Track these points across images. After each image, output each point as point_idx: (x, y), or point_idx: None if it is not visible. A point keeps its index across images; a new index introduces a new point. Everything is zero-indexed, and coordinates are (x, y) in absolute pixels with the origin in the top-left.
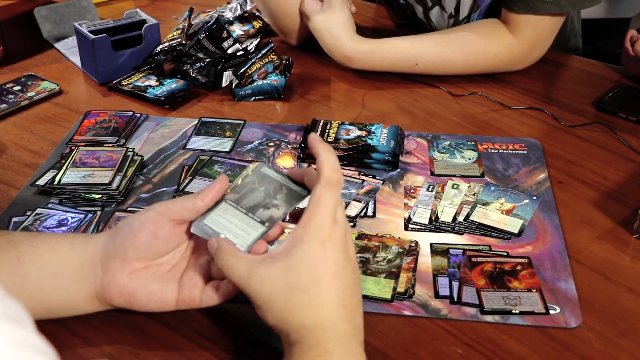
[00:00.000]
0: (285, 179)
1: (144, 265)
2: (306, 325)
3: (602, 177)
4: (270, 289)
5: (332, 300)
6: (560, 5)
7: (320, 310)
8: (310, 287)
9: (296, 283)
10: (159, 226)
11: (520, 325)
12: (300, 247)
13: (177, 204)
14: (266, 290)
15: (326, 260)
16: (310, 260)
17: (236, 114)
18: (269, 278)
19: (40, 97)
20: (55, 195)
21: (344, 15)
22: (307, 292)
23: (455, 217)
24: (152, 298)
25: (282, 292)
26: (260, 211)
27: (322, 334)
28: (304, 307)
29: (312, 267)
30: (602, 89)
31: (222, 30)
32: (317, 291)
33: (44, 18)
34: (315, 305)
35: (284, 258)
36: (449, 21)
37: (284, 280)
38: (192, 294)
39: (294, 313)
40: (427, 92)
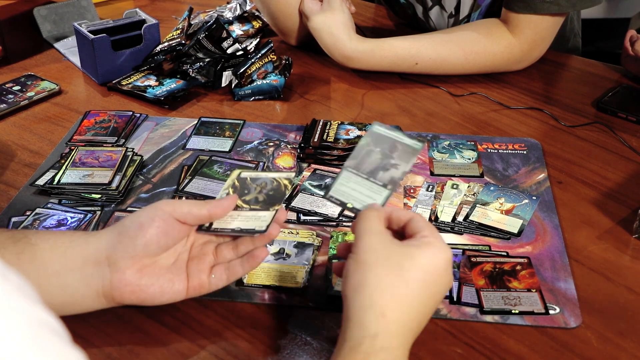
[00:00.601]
0: (398, 134)
1: (152, 261)
2: (384, 313)
3: (602, 177)
4: (383, 257)
5: (425, 310)
6: (560, 5)
7: (407, 312)
8: (419, 290)
9: (407, 280)
10: (169, 224)
11: (519, 325)
12: (432, 250)
13: (184, 208)
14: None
15: (443, 279)
16: (433, 270)
17: (236, 114)
18: (387, 252)
19: (40, 97)
20: (55, 195)
21: (343, 15)
22: (408, 290)
23: (455, 217)
24: (164, 291)
25: (390, 270)
26: (380, 174)
27: (388, 326)
28: (397, 299)
29: (428, 270)
30: (602, 89)
31: (221, 30)
32: (415, 294)
33: (44, 18)
34: (403, 305)
35: (414, 245)
36: (449, 21)
37: (396, 275)
38: (200, 279)
39: (384, 296)
40: (426, 92)
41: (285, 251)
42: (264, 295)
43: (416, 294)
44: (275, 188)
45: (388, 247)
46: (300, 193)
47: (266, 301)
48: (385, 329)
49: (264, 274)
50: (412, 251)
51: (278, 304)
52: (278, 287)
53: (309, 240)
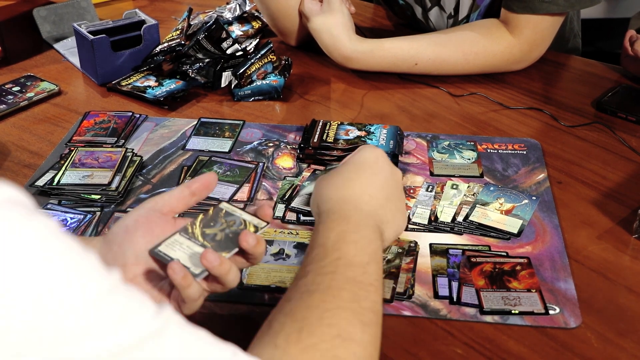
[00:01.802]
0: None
1: (144, 270)
2: (332, 197)
3: (602, 177)
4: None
5: (361, 186)
6: (559, 5)
7: (348, 188)
8: (348, 173)
9: (341, 170)
10: (153, 222)
11: (519, 325)
12: (358, 154)
13: (165, 196)
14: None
15: (372, 161)
16: (359, 158)
17: (235, 115)
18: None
19: (40, 97)
20: (55, 195)
21: (343, 15)
22: (342, 176)
23: (455, 218)
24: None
25: (328, 177)
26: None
27: (344, 205)
28: (337, 185)
29: (357, 162)
30: (602, 89)
31: (221, 31)
32: (352, 177)
33: (43, 19)
34: (346, 186)
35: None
36: (448, 21)
37: (335, 171)
38: (177, 306)
39: (329, 189)
40: (426, 92)
41: (285, 252)
42: (264, 296)
43: (352, 177)
44: (237, 232)
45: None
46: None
47: (266, 302)
48: (333, 204)
49: (264, 274)
50: (344, 164)
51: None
52: (278, 287)
53: (308, 240)
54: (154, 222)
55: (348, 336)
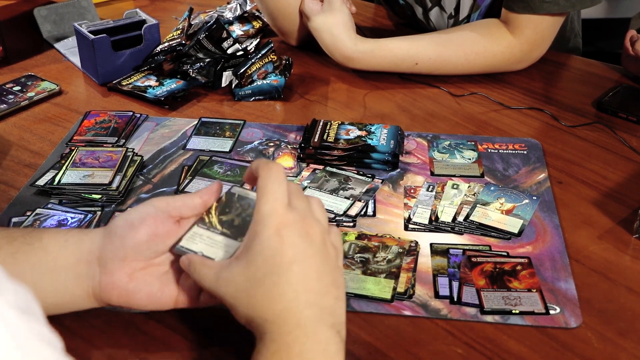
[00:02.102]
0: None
1: (143, 266)
2: (268, 319)
3: (602, 177)
4: (235, 289)
5: (292, 287)
6: (560, 5)
7: (279, 301)
8: (267, 278)
9: (254, 277)
10: (159, 222)
11: (520, 325)
12: (255, 240)
13: (178, 202)
14: (231, 290)
15: (282, 247)
16: (265, 250)
17: (236, 114)
18: (232, 278)
19: (40, 97)
20: (55, 195)
21: (344, 15)
22: (264, 285)
23: (455, 217)
24: (151, 299)
25: (244, 289)
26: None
27: (282, 326)
28: (263, 300)
29: (268, 257)
30: (602, 89)
31: (221, 31)
32: (275, 281)
33: (44, 18)
34: (274, 296)
35: (244, 255)
36: (448, 21)
37: (245, 276)
38: (191, 294)
39: (256, 308)
40: (426, 92)
41: None
42: None
43: (274, 279)
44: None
45: (225, 273)
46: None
47: None
48: (272, 328)
49: None
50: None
51: None
52: None
53: None
54: (160, 222)
55: None
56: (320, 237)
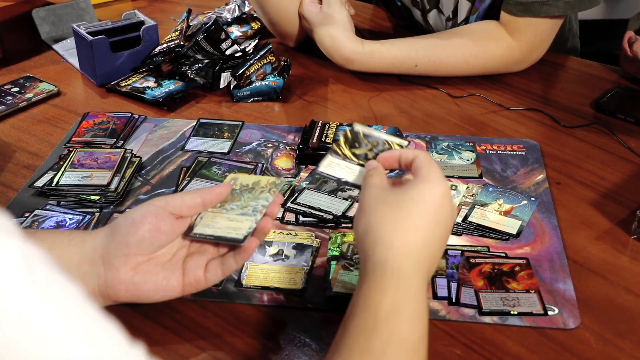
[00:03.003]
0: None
1: (146, 259)
2: (394, 244)
3: (601, 177)
4: (383, 201)
5: (424, 236)
6: (559, 7)
7: (413, 239)
8: (418, 219)
9: (409, 211)
10: (161, 219)
11: (518, 326)
12: (428, 189)
13: (177, 199)
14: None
15: (442, 207)
16: (431, 197)
17: (234, 115)
18: (386, 196)
19: (39, 98)
20: (54, 196)
21: (343, 17)
22: (412, 221)
23: None
24: (158, 288)
25: (394, 212)
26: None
27: (404, 260)
28: (402, 230)
29: (428, 202)
30: (601, 90)
31: (220, 32)
32: (418, 223)
33: (42, 19)
34: (411, 233)
35: (410, 185)
36: (446, 24)
37: (402, 205)
38: (197, 275)
39: (393, 232)
40: (425, 93)
41: (284, 252)
42: (263, 296)
43: (418, 223)
44: (386, 150)
45: (386, 192)
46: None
47: (265, 302)
48: (394, 255)
49: (263, 275)
50: (409, 190)
51: (277, 305)
52: (277, 288)
53: (307, 241)
54: (162, 221)
55: None
56: (453, 213)
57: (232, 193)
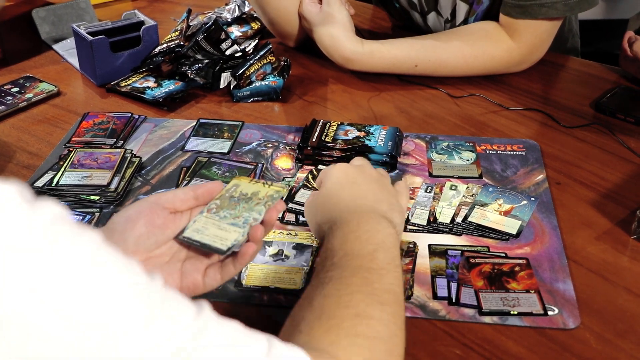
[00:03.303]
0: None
1: (144, 257)
2: (328, 217)
3: (600, 178)
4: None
5: (350, 196)
6: (558, 9)
7: (341, 204)
8: (335, 193)
9: (326, 195)
10: (155, 214)
11: (518, 326)
12: (327, 177)
13: (169, 194)
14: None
15: (346, 175)
16: (334, 178)
17: (234, 115)
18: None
19: (39, 98)
20: (54, 196)
21: (343, 17)
22: (333, 197)
23: (454, 218)
24: None
25: (317, 203)
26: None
27: (340, 215)
28: (329, 208)
29: (335, 182)
30: (600, 90)
31: (220, 32)
32: (338, 194)
33: (42, 19)
34: (336, 203)
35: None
36: (445, 26)
37: (320, 195)
38: (195, 279)
39: (323, 214)
40: (425, 93)
41: (284, 253)
42: (263, 296)
43: (336, 193)
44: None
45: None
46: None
47: (265, 303)
48: (334, 219)
49: (263, 275)
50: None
51: (277, 305)
52: (277, 288)
53: (307, 241)
54: (156, 214)
55: (367, 315)
56: (376, 174)
57: (230, 200)
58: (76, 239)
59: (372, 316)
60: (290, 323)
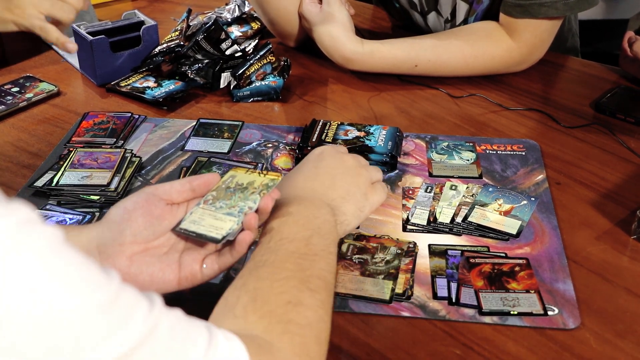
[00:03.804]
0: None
1: (142, 248)
2: (280, 199)
3: (600, 178)
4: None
5: (303, 179)
6: (558, 8)
7: (291, 189)
8: (293, 174)
9: (289, 176)
10: (152, 205)
11: (518, 326)
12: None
13: (166, 185)
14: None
15: (321, 155)
16: (305, 158)
17: (234, 115)
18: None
19: (39, 98)
20: (54, 196)
21: (343, 17)
22: (290, 179)
23: (454, 218)
24: (154, 280)
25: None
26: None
27: (285, 200)
28: (284, 187)
29: (302, 162)
30: (600, 90)
31: (220, 32)
32: (294, 176)
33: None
34: (289, 185)
35: None
36: (445, 26)
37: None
38: (193, 269)
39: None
40: (425, 93)
41: None
42: None
43: (294, 175)
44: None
45: None
46: None
47: None
48: (280, 202)
49: None
50: None
51: None
52: None
53: None
54: (153, 205)
55: (298, 301)
56: (353, 163)
57: (227, 191)
58: (34, 244)
59: (303, 303)
60: (224, 303)
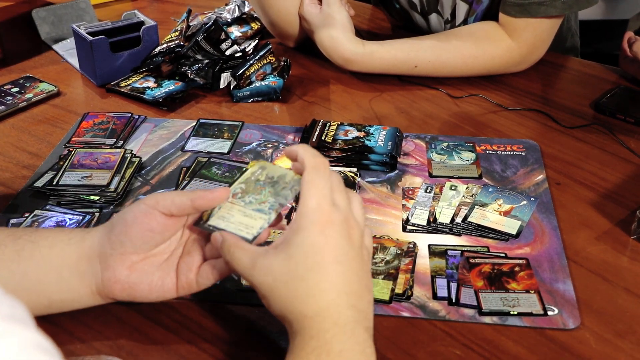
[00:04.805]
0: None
1: (142, 257)
2: (307, 314)
3: (600, 178)
4: (272, 279)
5: (334, 287)
6: (557, 7)
7: (320, 299)
8: (310, 275)
9: (295, 272)
10: (152, 219)
11: (518, 326)
12: (299, 235)
13: (167, 200)
14: (269, 280)
15: (326, 246)
16: (309, 247)
17: (234, 116)
18: (271, 268)
19: (38, 98)
20: (54, 197)
21: (342, 17)
22: (306, 281)
23: (454, 219)
24: (153, 288)
25: (283, 281)
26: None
27: (322, 323)
28: (304, 296)
29: (311, 254)
30: (600, 90)
31: (220, 32)
32: (318, 279)
33: (42, 19)
34: (315, 293)
35: (284, 247)
36: (445, 26)
37: (285, 269)
38: (188, 277)
39: (294, 303)
40: (425, 93)
41: None
42: None
43: (315, 276)
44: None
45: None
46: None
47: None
48: (308, 323)
49: None
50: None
51: None
52: None
53: None
54: (153, 219)
55: None
56: (359, 239)
57: (256, 184)
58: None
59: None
60: None
